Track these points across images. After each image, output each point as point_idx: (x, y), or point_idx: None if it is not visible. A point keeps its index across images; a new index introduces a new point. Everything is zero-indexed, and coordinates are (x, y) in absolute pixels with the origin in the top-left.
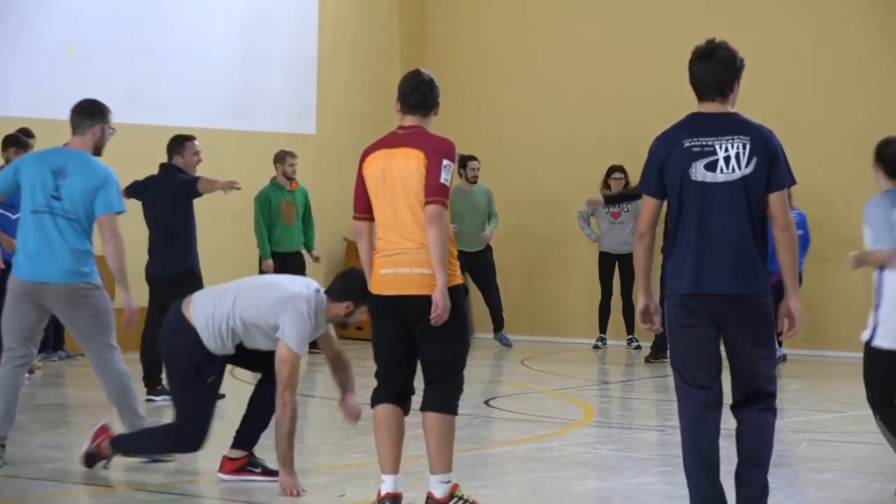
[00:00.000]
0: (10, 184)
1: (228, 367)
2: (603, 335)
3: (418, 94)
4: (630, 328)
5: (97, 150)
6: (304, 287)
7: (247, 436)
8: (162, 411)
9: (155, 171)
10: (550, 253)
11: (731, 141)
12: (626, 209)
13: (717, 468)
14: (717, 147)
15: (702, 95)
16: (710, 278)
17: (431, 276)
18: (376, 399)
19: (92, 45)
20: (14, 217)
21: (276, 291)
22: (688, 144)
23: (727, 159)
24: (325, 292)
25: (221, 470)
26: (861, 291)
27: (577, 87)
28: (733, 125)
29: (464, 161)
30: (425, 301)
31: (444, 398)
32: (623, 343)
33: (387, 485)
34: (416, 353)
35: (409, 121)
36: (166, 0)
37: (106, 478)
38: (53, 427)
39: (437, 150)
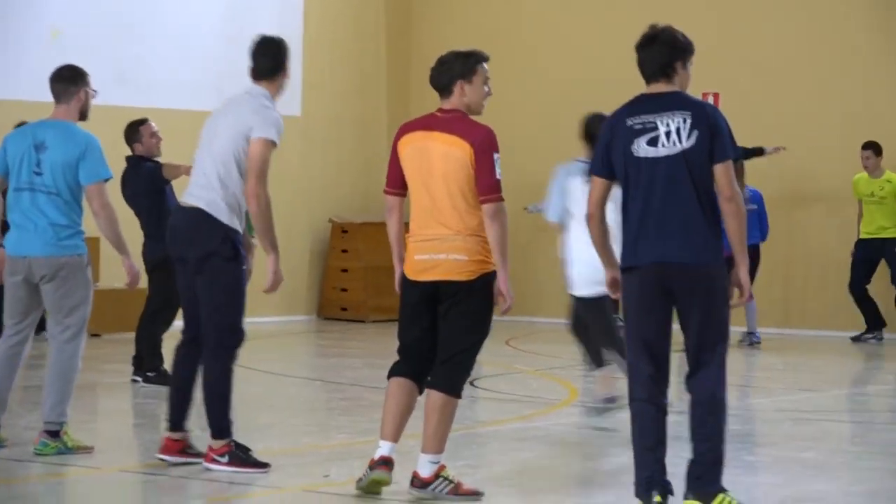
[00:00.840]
0: (3, 165)
1: None
2: None
3: (434, 74)
4: (615, 307)
5: (83, 115)
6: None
7: (181, 416)
8: (142, 394)
9: None
10: (535, 234)
11: (672, 116)
12: None
13: (659, 442)
14: (659, 123)
15: (647, 78)
16: (656, 249)
17: (467, 263)
18: (393, 372)
19: (77, 27)
20: None
21: (231, 118)
22: (630, 123)
23: (668, 134)
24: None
25: (164, 452)
26: (836, 273)
27: (565, 74)
28: (675, 102)
29: None
30: (458, 287)
31: (452, 380)
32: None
33: (383, 449)
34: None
35: (446, 104)
36: None
37: (92, 459)
38: (38, 409)
39: (484, 143)
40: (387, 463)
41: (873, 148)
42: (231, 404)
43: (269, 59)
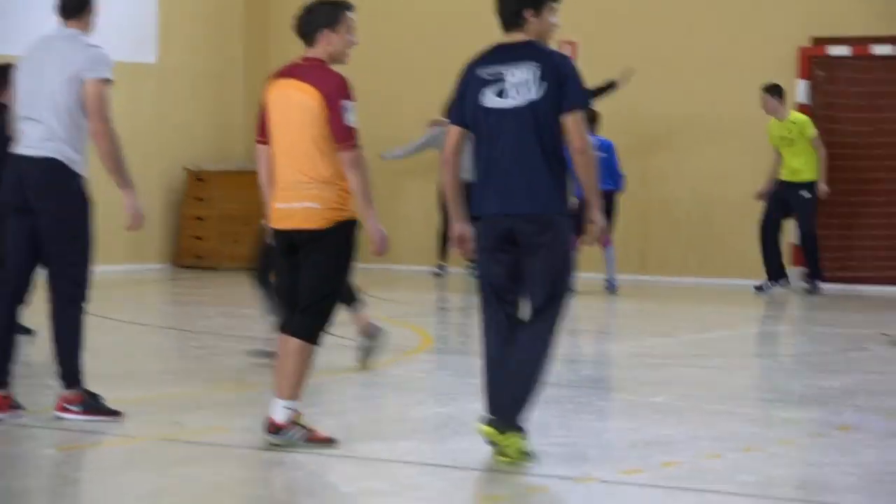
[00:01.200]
0: None
1: None
2: (443, 262)
3: (299, 22)
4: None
5: None
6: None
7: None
8: None
9: None
10: (390, 180)
11: (519, 67)
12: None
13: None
14: (507, 74)
15: (503, 28)
16: (501, 200)
17: (321, 211)
18: (281, 328)
19: None
20: None
21: (58, 63)
22: (480, 73)
23: (516, 85)
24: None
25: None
26: (685, 223)
27: (429, 26)
28: (525, 52)
29: None
30: (312, 235)
31: (309, 327)
32: (462, 270)
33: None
34: None
35: (310, 52)
36: None
37: (58, 429)
38: None
39: (333, 91)
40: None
41: (769, 90)
42: (82, 353)
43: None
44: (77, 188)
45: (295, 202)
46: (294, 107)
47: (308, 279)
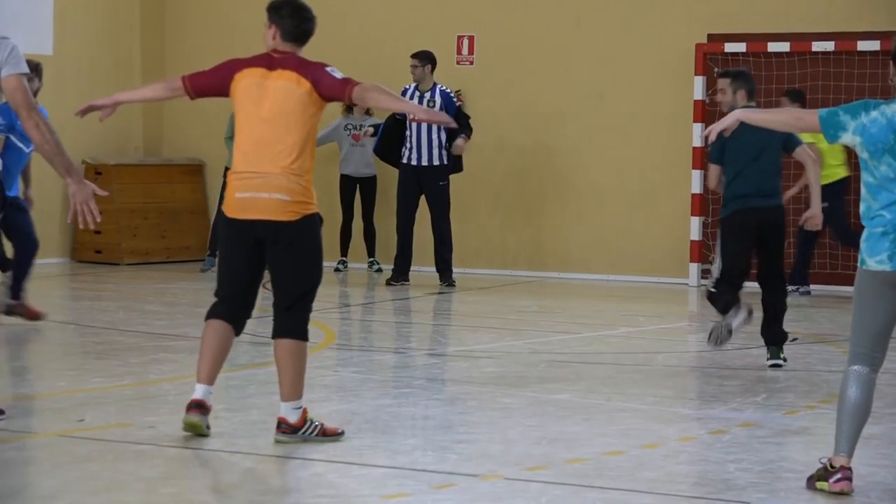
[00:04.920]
0: None
1: None
2: (344, 258)
3: (295, 20)
4: (371, 251)
5: None
6: None
7: None
8: None
9: None
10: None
11: None
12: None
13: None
14: None
15: None
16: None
17: (291, 203)
18: (211, 314)
19: None
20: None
21: None
22: None
23: None
24: None
25: None
26: (594, 219)
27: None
28: None
29: None
30: (283, 227)
31: (298, 325)
32: (364, 266)
33: (197, 392)
34: (260, 276)
35: (285, 47)
36: None
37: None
38: None
39: (315, 67)
40: (200, 406)
41: (790, 95)
42: None
43: None
44: None
45: (263, 192)
46: (272, 95)
47: (287, 278)
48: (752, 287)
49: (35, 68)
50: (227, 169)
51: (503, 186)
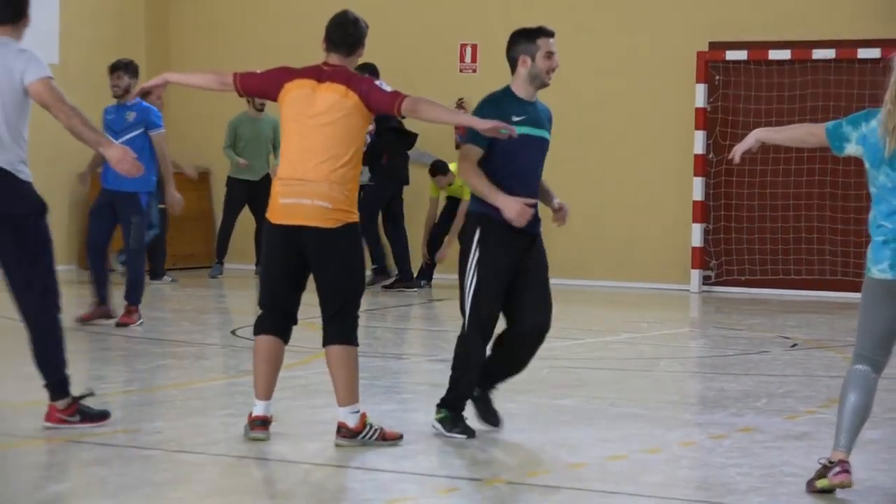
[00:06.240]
0: None
1: None
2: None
3: (341, 32)
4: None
5: None
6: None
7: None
8: None
9: None
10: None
11: None
12: None
13: None
14: None
15: None
16: None
17: (332, 210)
18: (258, 329)
19: None
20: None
21: None
22: None
23: None
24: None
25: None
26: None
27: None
28: None
29: None
30: (324, 233)
31: (345, 332)
32: (367, 271)
33: (258, 409)
34: (304, 283)
35: (334, 59)
36: None
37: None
38: None
39: (364, 82)
40: (264, 423)
41: None
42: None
43: (10, 7)
44: (30, 195)
45: (306, 198)
46: (320, 106)
47: (330, 285)
48: None
49: (126, 67)
50: (230, 178)
51: None
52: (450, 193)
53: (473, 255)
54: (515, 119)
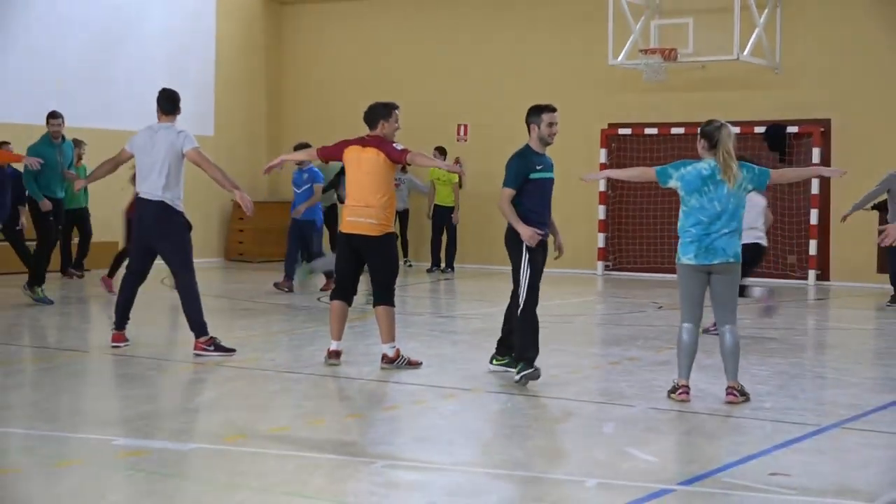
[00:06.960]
0: None
1: None
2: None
3: (369, 115)
4: (405, 252)
5: None
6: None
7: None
8: None
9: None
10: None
11: None
12: None
13: None
14: None
15: None
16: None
17: (377, 225)
18: (333, 296)
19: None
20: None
21: (165, 144)
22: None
23: None
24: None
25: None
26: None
27: (416, 96)
28: None
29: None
30: (371, 239)
31: (389, 297)
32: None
33: (333, 345)
34: (360, 270)
35: (371, 132)
36: (126, 34)
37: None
38: None
39: (386, 145)
40: (336, 354)
41: None
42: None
43: (170, 104)
44: (178, 217)
45: (362, 218)
46: (365, 161)
47: (377, 271)
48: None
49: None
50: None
51: (498, 232)
52: (438, 202)
53: (525, 258)
54: (538, 167)
